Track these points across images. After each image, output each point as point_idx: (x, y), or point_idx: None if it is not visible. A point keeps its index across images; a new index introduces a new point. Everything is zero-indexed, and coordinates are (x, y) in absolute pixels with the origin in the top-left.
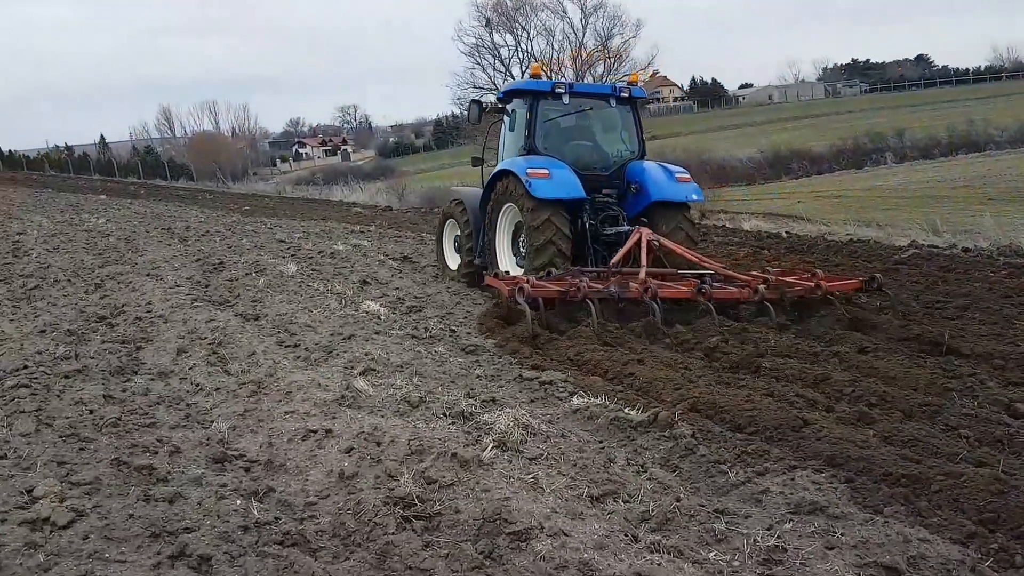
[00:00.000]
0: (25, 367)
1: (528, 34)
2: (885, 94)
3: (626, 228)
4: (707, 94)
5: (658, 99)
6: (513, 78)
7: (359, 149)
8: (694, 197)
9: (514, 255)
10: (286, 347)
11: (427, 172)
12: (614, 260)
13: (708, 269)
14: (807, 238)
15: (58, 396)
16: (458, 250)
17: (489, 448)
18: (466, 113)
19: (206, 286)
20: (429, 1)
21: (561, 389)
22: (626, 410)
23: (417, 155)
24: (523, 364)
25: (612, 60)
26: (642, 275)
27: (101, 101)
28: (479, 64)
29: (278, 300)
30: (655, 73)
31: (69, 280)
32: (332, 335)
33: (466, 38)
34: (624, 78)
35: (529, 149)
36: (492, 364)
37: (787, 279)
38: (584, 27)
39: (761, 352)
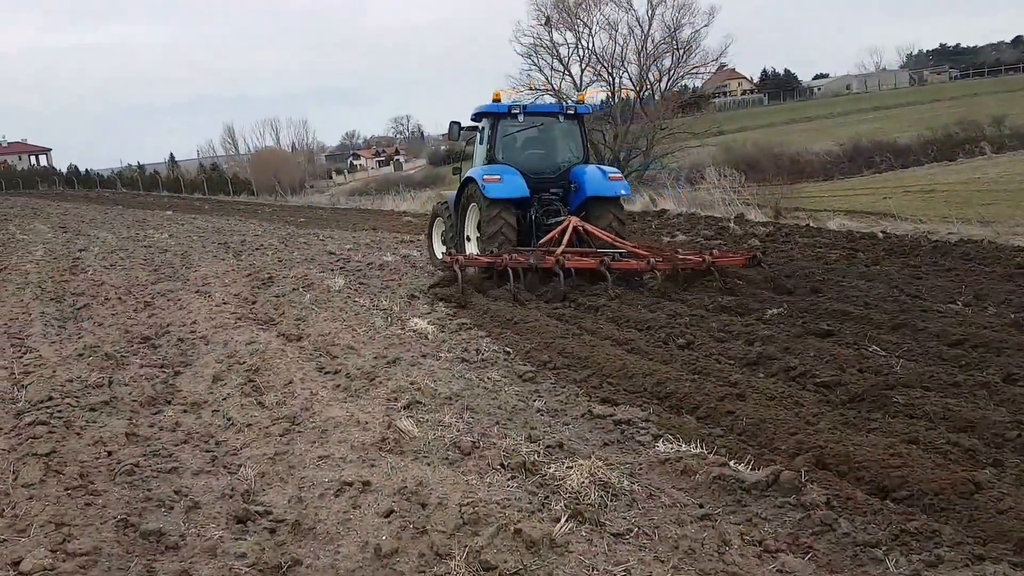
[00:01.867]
0: (50, 399)
1: (589, 30)
2: (978, 80)
3: (562, 219)
4: (779, 86)
5: (724, 93)
6: (572, 77)
7: (411, 159)
8: (622, 192)
9: (478, 243)
10: (326, 373)
11: None
12: (542, 241)
13: (621, 248)
14: (907, 238)
15: (78, 434)
16: (444, 242)
17: (563, 520)
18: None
19: (253, 303)
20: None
21: (642, 430)
22: (732, 464)
23: (469, 161)
24: (591, 396)
25: (681, 52)
26: (558, 251)
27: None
28: (536, 65)
29: (322, 318)
30: (722, 66)
31: (120, 298)
32: (376, 358)
33: (524, 38)
34: (694, 70)
35: (490, 159)
36: (554, 394)
37: (680, 255)
38: (650, 18)
39: (889, 383)
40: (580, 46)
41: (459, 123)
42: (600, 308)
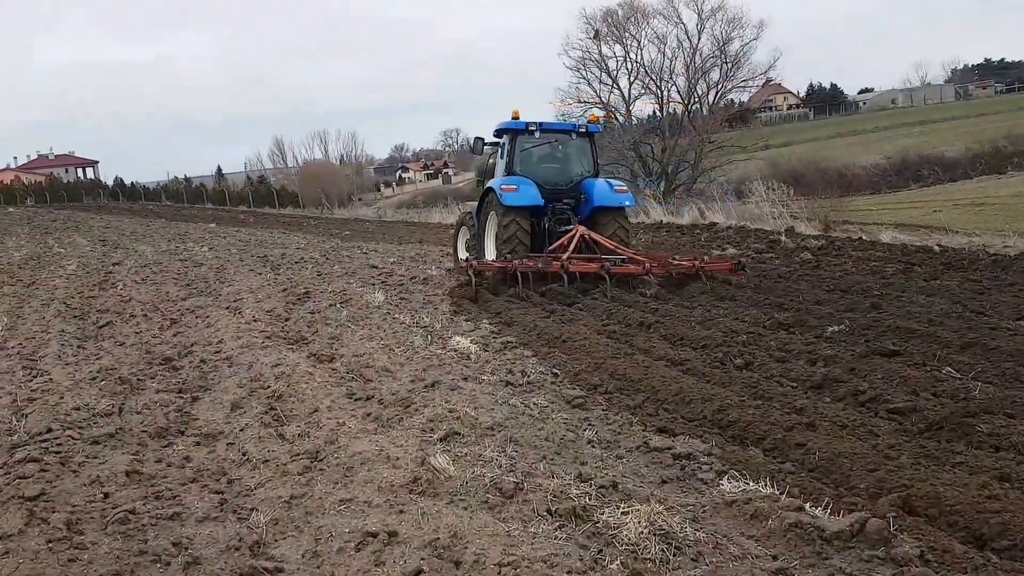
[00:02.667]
0: (50, 430)
1: (638, 43)
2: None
3: (572, 227)
4: (824, 100)
5: (770, 108)
6: (620, 90)
7: (460, 171)
8: (627, 203)
9: (495, 248)
10: (356, 400)
11: None
12: (550, 248)
13: (622, 255)
14: (964, 252)
15: (74, 472)
16: (468, 249)
17: None
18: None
19: (286, 319)
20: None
21: (704, 465)
22: (809, 507)
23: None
24: (647, 425)
25: (730, 65)
26: (564, 256)
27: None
28: (584, 78)
29: (358, 337)
30: (769, 81)
31: (146, 315)
32: (413, 381)
33: (572, 52)
34: (742, 83)
35: (509, 171)
36: (606, 423)
37: (674, 261)
38: (700, 31)
39: (969, 409)
40: (629, 59)
41: (483, 139)
42: (652, 325)
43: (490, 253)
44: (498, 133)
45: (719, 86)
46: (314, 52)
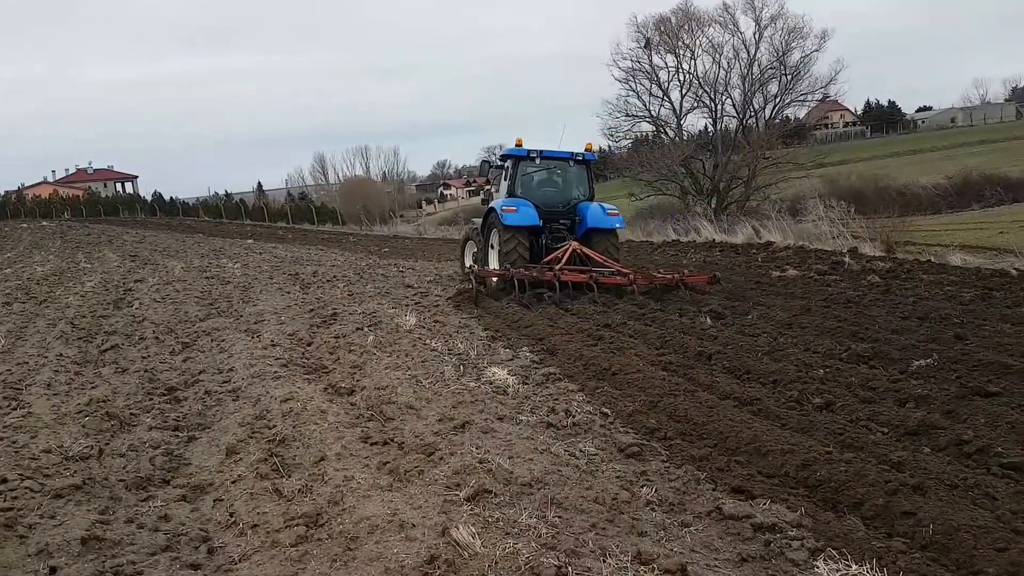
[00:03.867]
0: (5, 481)
1: (692, 53)
2: None
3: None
4: (882, 118)
5: (826, 125)
6: (671, 103)
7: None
8: (617, 225)
9: (498, 261)
10: (372, 444)
11: None
12: (545, 260)
13: (609, 267)
14: None
15: (20, 538)
16: (474, 260)
17: None
18: (611, 146)
19: (308, 344)
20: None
21: (793, 540)
22: None
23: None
24: (717, 482)
25: (789, 77)
26: (557, 267)
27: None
28: (634, 90)
29: (383, 366)
30: (825, 97)
31: (157, 337)
32: (440, 421)
33: (622, 62)
34: (801, 97)
35: (511, 193)
36: (668, 478)
37: (657, 275)
38: (758, 41)
39: None
40: (681, 70)
41: (489, 162)
42: (713, 356)
43: (494, 264)
44: (503, 158)
45: (777, 99)
46: (359, 70)
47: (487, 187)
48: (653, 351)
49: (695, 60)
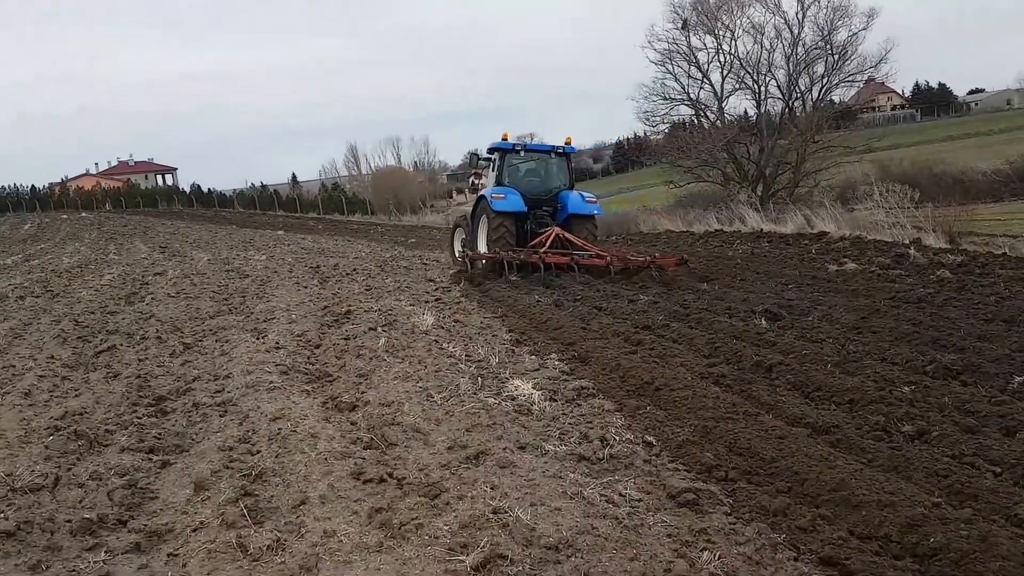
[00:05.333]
0: None
1: (732, 33)
2: None
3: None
4: (932, 101)
5: (873, 108)
6: (711, 85)
7: None
8: (595, 211)
9: (487, 245)
10: (365, 482)
11: (602, 199)
12: (530, 244)
13: (589, 251)
14: None
15: None
16: (463, 245)
17: None
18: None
19: (315, 347)
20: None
21: None
22: None
23: (593, 180)
24: (799, 546)
25: (836, 57)
26: (542, 251)
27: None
28: (671, 73)
29: (392, 375)
30: (870, 80)
31: (159, 337)
32: (450, 450)
33: (658, 44)
34: (850, 77)
35: (499, 183)
36: (735, 540)
37: (631, 258)
38: (801, 20)
39: None
40: (721, 51)
41: (477, 154)
42: (774, 367)
43: (482, 248)
44: (490, 151)
45: (824, 80)
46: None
47: (472, 178)
48: (702, 360)
49: (736, 41)
